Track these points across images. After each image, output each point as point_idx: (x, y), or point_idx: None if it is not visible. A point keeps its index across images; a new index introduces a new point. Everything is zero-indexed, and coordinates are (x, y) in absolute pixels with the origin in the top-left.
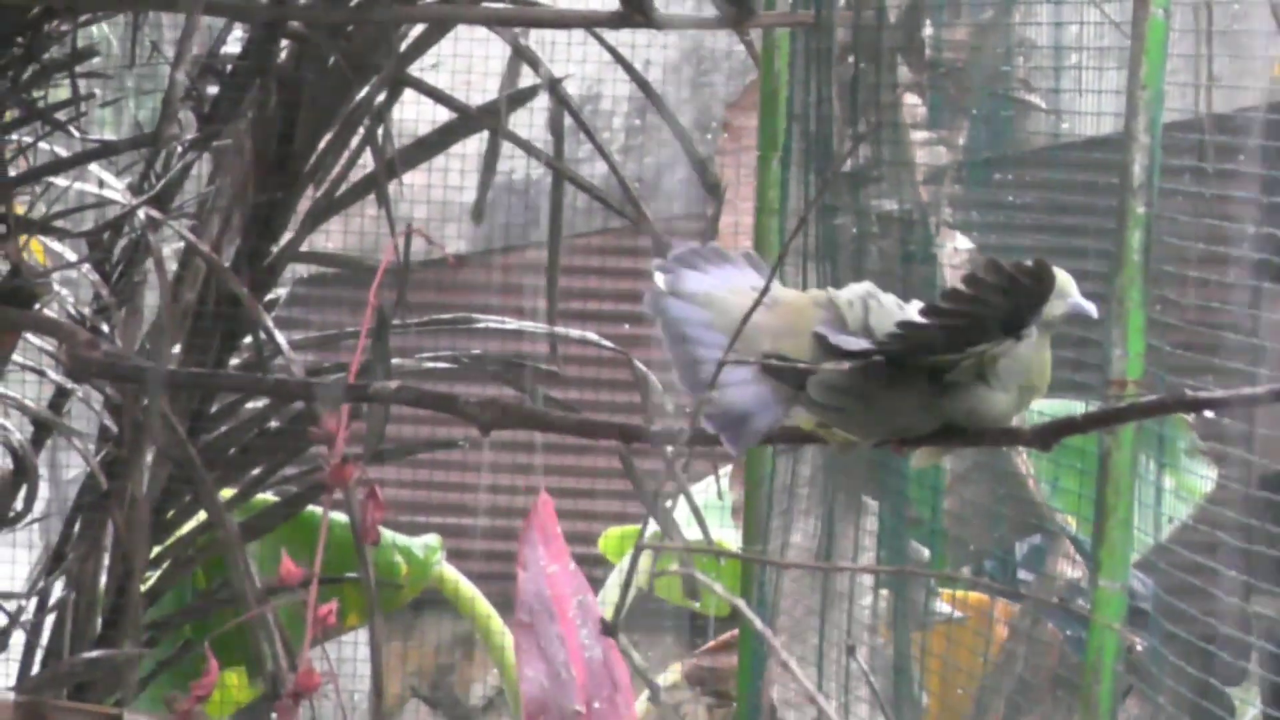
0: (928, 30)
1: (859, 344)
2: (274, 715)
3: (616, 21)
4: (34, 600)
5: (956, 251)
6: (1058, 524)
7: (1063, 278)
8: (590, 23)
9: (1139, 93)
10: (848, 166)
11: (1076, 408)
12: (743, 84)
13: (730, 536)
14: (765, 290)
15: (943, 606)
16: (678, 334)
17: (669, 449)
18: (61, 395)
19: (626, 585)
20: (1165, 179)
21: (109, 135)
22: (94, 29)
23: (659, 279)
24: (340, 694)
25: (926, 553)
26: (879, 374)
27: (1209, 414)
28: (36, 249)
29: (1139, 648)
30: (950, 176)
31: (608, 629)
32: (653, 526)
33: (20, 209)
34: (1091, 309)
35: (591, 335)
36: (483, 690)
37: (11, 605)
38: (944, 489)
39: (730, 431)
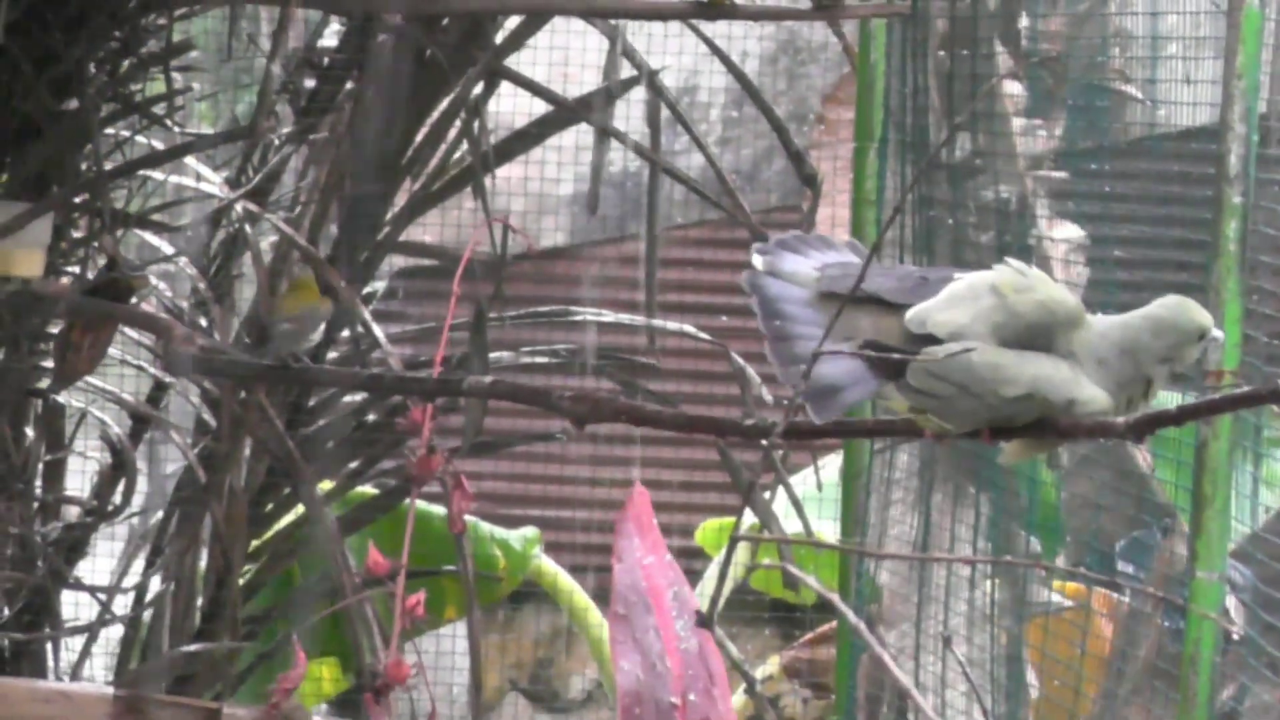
0: (1024, 21)
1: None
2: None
3: (710, 13)
4: (132, 594)
5: (1055, 242)
6: (1174, 512)
7: (1211, 327)
8: (685, 14)
9: (1235, 82)
10: (946, 157)
11: (1173, 399)
12: (839, 76)
13: (829, 528)
14: (863, 275)
15: (1055, 596)
16: (773, 310)
17: (764, 442)
18: (159, 389)
19: (722, 577)
20: (1261, 169)
21: (206, 129)
22: (191, 23)
23: (757, 260)
24: (436, 686)
25: (1036, 544)
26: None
27: None
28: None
29: (1235, 637)
30: (1048, 166)
31: (703, 621)
32: (750, 518)
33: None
34: (1220, 335)
35: (689, 328)
36: (582, 683)
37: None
38: (1050, 482)
39: (818, 401)
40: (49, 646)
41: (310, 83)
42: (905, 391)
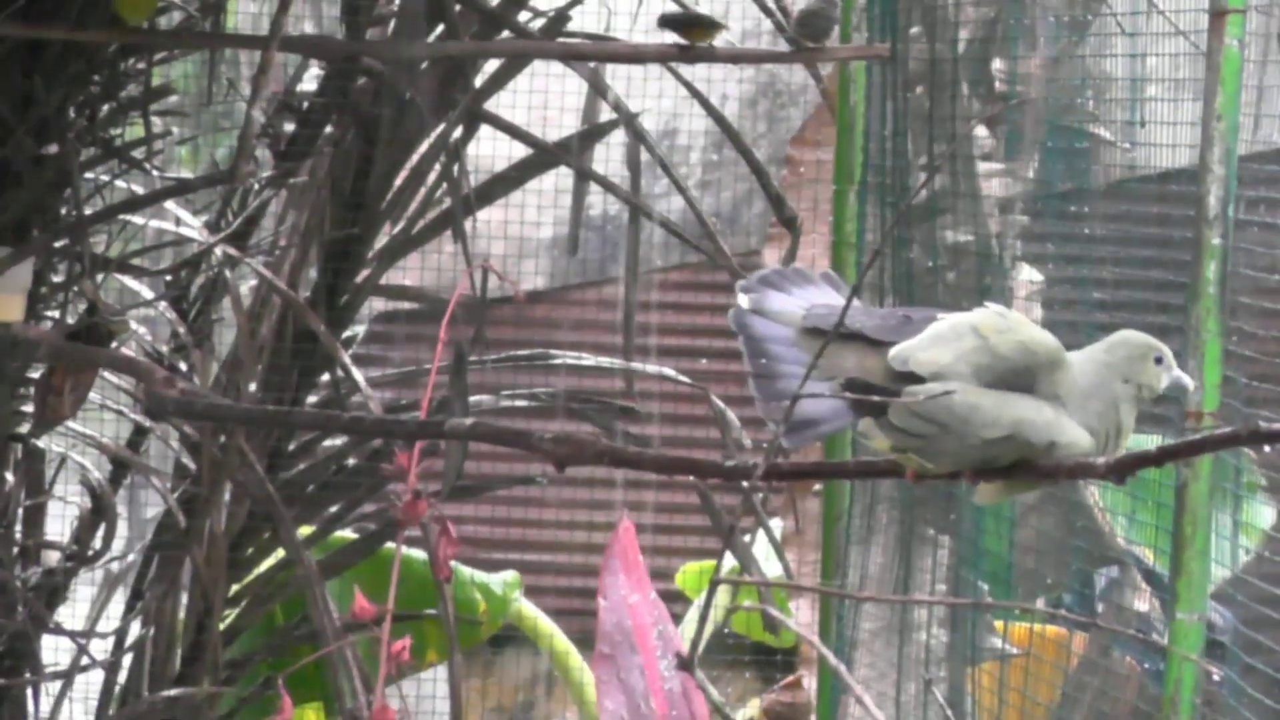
0: (999, 64)
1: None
2: None
3: (689, 56)
4: (113, 638)
5: (1032, 284)
6: (1127, 555)
7: (1167, 352)
8: (664, 58)
9: (1214, 124)
10: (919, 198)
11: (1154, 440)
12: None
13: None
14: (845, 311)
15: (998, 641)
16: (759, 349)
17: (744, 484)
18: (140, 433)
19: (702, 620)
20: (1241, 210)
21: (187, 174)
22: (171, 68)
23: (742, 298)
24: None
25: (986, 588)
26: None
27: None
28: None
29: (1215, 678)
30: (1021, 208)
31: (684, 664)
32: (731, 561)
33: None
34: (1190, 382)
35: (668, 371)
36: None
37: (91, 643)
38: (1016, 521)
39: (794, 432)
40: (29, 692)
41: (290, 126)
42: (887, 430)
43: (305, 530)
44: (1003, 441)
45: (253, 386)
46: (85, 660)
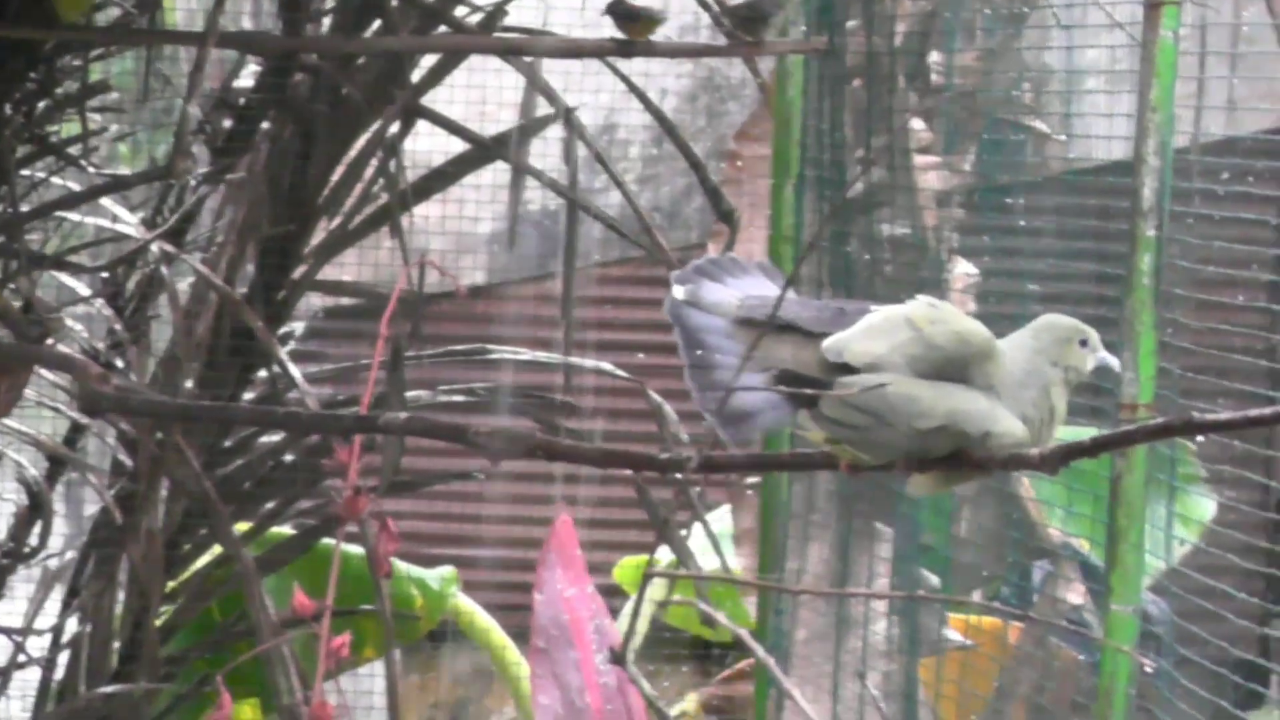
0: (937, 56)
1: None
2: None
3: (627, 51)
4: (50, 635)
5: (965, 277)
6: (1063, 548)
7: (1092, 334)
8: (601, 52)
9: (1149, 115)
10: (856, 192)
11: (1090, 432)
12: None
13: (733, 565)
14: (779, 302)
15: (952, 634)
16: (693, 340)
17: (679, 476)
18: (77, 430)
19: (636, 614)
20: (1176, 202)
21: (129, 170)
22: (111, 64)
23: (677, 289)
24: None
25: (936, 580)
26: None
27: (1221, 438)
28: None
29: (1148, 670)
30: (957, 201)
31: (617, 658)
32: (668, 556)
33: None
34: (1116, 363)
35: (606, 365)
36: None
37: (28, 640)
38: (953, 515)
39: (733, 426)
40: None
41: (227, 123)
42: (821, 422)
43: (242, 526)
44: (937, 432)
45: (190, 383)
46: (22, 657)
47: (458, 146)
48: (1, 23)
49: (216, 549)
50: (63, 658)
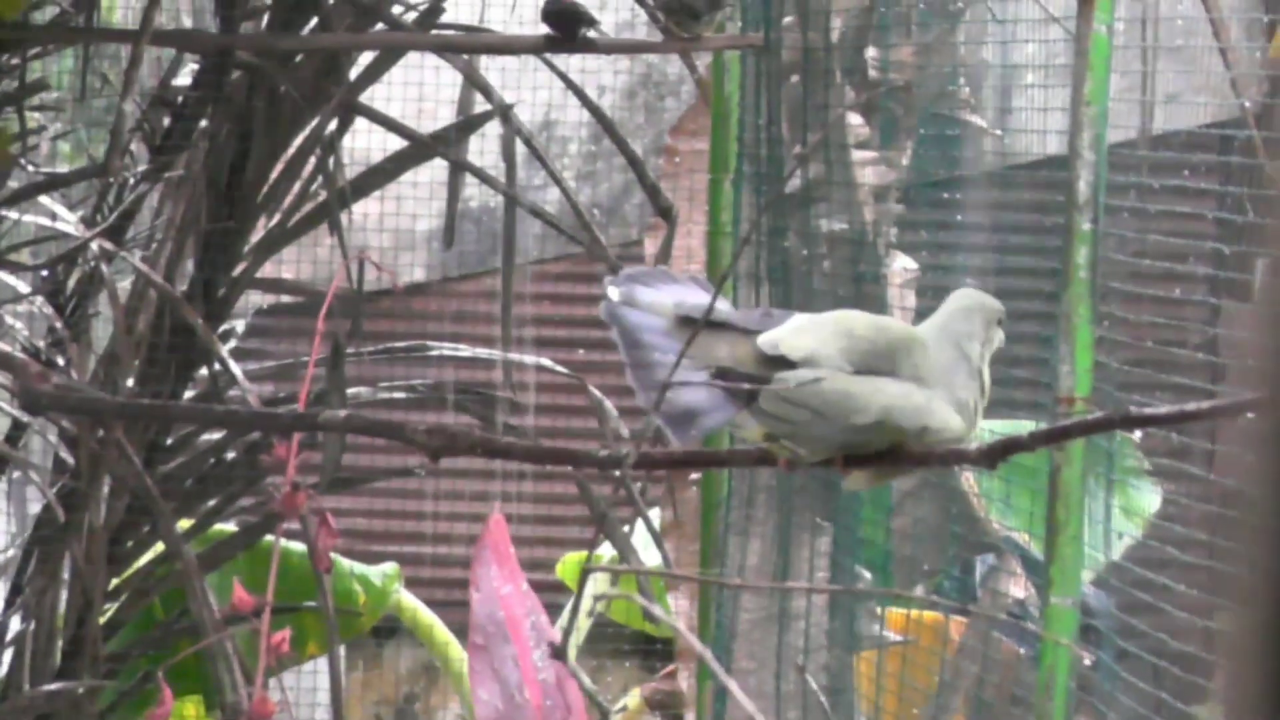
0: (873, 51)
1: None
2: None
3: (561, 47)
4: None
5: (904, 271)
6: (1004, 541)
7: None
8: (537, 49)
9: (1084, 109)
10: (794, 187)
11: (1029, 426)
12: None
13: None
14: (710, 309)
15: (886, 632)
16: (634, 339)
17: (617, 472)
18: (18, 428)
19: (575, 609)
20: (1112, 196)
21: (68, 169)
22: (53, 62)
23: (613, 292)
24: None
25: (869, 575)
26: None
27: (1163, 431)
28: None
29: (1087, 663)
30: (895, 196)
31: (557, 653)
32: (610, 551)
33: None
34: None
35: (545, 361)
36: (447, 718)
37: None
38: (894, 509)
39: (678, 426)
40: None
41: (166, 121)
42: (759, 417)
43: (184, 524)
44: (873, 427)
45: (130, 381)
46: None
47: (396, 144)
48: None
49: (159, 546)
50: (6, 655)
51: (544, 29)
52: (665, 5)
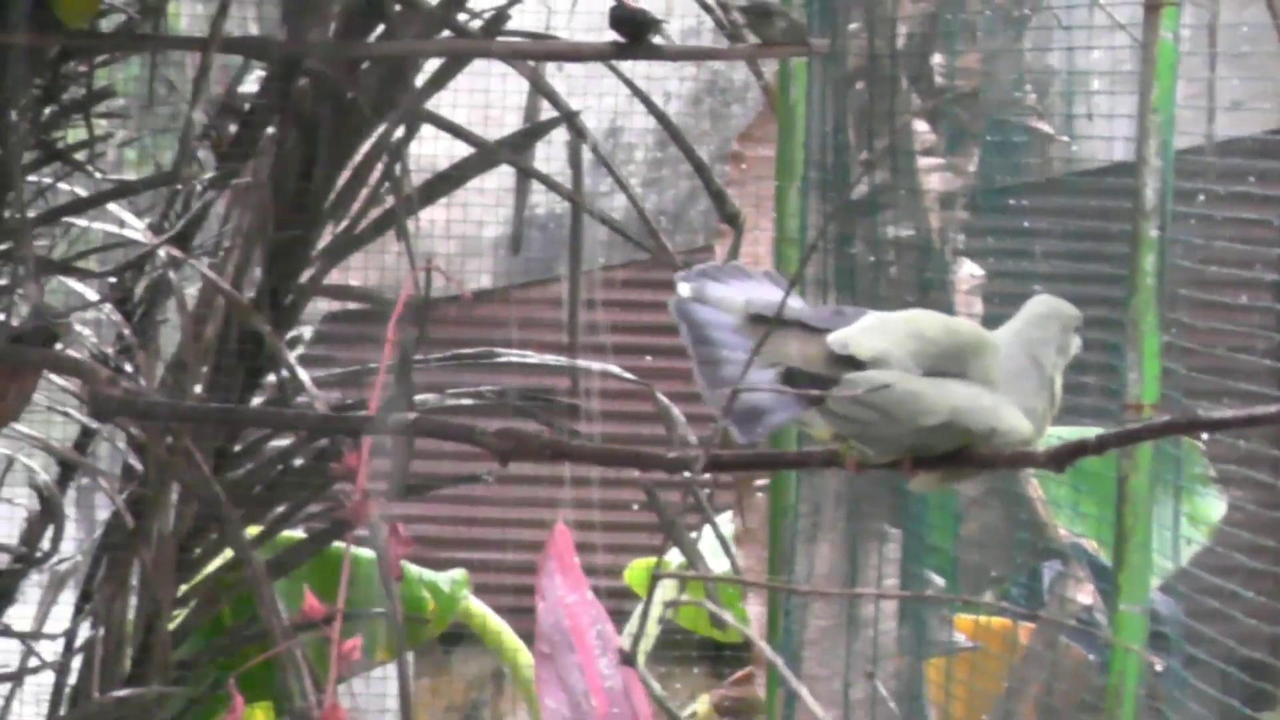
0: (939, 58)
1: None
2: None
3: (626, 53)
4: (62, 640)
5: (970, 278)
6: (1071, 548)
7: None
8: (602, 55)
9: (1150, 116)
10: (860, 194)
11: (1095, 432)
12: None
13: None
14: (787, 295)
15: (957, 636)
16: (701, 336)
17: (686, 475)
18: (87, 435)
19: (644, 615)
20: (1179, 202)
21: (135, 176)
22: (120, 69)
23: (683, 288)
24: None
25: (941, 581)
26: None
27: (1228, 438)
28: None
29: (1156, 669)
30: (962, 203)
31: (626, 659)
32: (677, 557)
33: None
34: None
35: (613, 368)
36: None
37: (41, 646)
38: (961, 515)
39: (744, 424)
40: None
41: (232, 128)
42: (827, 417)
43: (253, 530)
44: (941, 429)
45: (198, 387)
46: (34, 662)
47: (462, 150)
48: (5, 29)
49: (227, 553)
50: (75, 662)
51: (610, 35)
52: (745, 11)
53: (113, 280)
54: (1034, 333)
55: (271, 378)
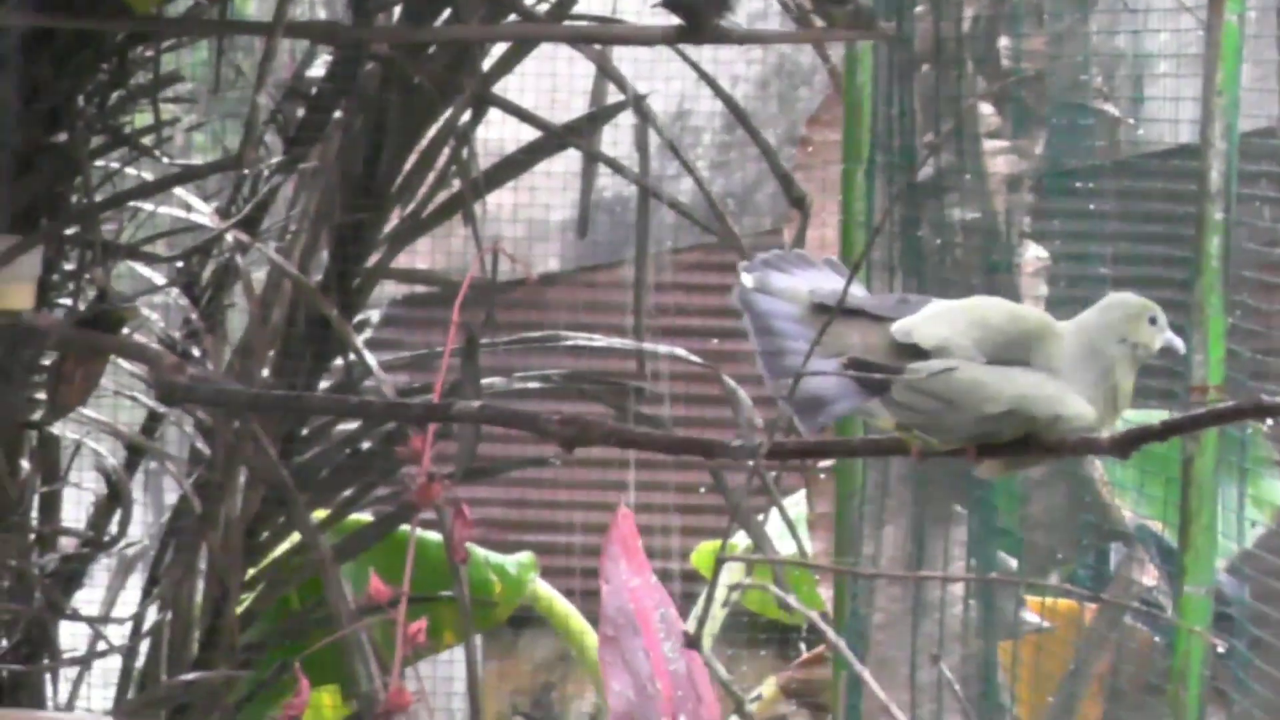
0: (1005, 41)
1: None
2: None
3: (692, 37)
4: (130, 624)
5: (1036, 260)
6: (1137, 529)
7: (1160, 312)
8: (669, 40)
9: (1215, 99)
10: (926, 176)
11: (1161, 416)
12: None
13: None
14: (848, 285)
15: (1030, 616)
16: (764, 326)
17: (752, 462)
18: (154, 419)
19: (709, 598)
20: (1244, 185)
21: (201, 161)
22: (187, 54)
23: (746, 278)
24: (437, 712)
25: (1014, 563)
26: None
27: None
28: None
29: (1220, 650)
30: (1027, 186)
31: (691, 642)
32: (744, 540)
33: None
34: (1181, 346)
35: (680, 351)
36: (584, 708)
37: (109, 630)
38: (1025, 498)
39: (806, 413)
40: (47, 677)
41: (299, 112)
42: (891, 406)
43: (320, 514)
44: (1005, 416)
45: (265, 372)
46: (102, 645)
47: (529, 134)
48: (73, 15)
49: (294, 536)
50: (143, 645)
51: (676, 20)
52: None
53: (180, 265)
54: (1098, 320)
55: (339, 362)
